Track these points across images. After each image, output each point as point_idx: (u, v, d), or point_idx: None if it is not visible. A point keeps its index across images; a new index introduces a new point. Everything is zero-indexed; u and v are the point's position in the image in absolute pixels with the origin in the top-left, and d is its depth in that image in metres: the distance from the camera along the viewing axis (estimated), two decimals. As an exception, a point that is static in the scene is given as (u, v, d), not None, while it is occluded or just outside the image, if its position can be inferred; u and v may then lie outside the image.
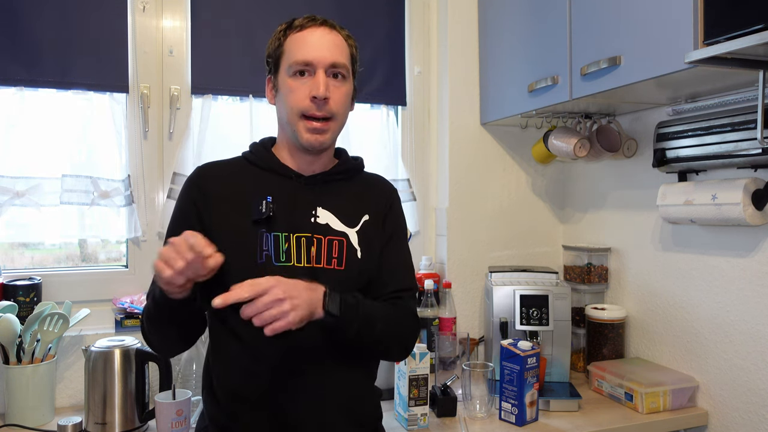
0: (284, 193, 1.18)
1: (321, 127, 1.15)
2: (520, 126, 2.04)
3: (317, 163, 1.22)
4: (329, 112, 1.15)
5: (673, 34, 1.22)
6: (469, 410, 1.50)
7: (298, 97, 1.14)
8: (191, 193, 1.19)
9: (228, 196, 1.17)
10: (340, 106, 1.17)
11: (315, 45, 1.14)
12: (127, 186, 1.72)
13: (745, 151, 1.37)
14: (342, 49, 1.18)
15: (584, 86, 1.49)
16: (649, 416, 1.50)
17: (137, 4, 1.74)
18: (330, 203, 1.20)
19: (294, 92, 1.14)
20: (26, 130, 1.64)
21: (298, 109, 1.14)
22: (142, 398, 1.44)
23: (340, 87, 1.17)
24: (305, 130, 1.15)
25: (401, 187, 2.02)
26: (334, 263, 1.16)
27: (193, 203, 1.18)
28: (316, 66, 1.14)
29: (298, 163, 1.22)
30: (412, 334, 1.24)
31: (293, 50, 1.15)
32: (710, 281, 1.56)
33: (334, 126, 1.18)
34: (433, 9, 2.08)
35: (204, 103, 1.79)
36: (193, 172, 1.23)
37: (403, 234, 1.32)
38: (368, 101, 1.99)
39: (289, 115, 1.16)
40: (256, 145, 1.27)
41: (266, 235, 1.14)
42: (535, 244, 2.11)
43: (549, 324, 1.66)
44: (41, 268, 1.76)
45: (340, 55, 1.16)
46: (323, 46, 1.15)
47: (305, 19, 1.17)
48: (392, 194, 1.33)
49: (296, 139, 1.17)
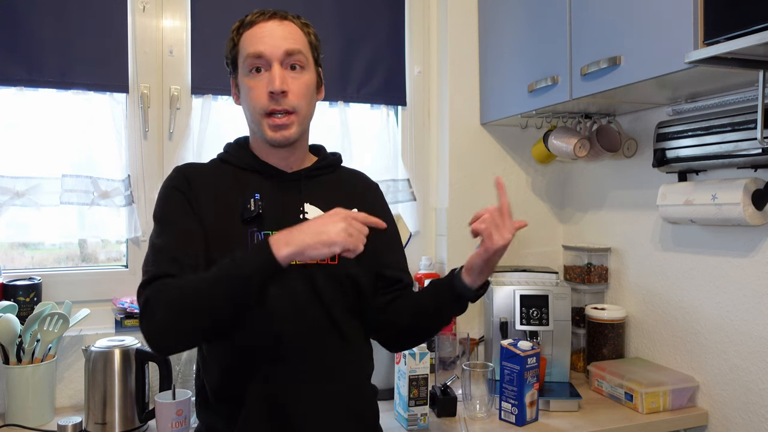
0: (269, 190, 1.16)
1: (283, 122, 1.12)
2: (520, 126, 2.04)
3: (293, 157, 1.20)
4: (290, 106, 1.11)
5: (673, 34, 1.22)
6: (469, 410, 1.50)
7: (257, 95, 1.11)
8: (179, 186, 1.13)
9: (212, 196, 1.14)
10: (300, 98, 1.13)
11: (266, 37, 1.11)
12: (127, 186, 1.72)
13: (745, 151, 1.37)
14: (296, 37, 1.14)
15: (584, 86, 1.49)
16: (649, 416, 1.50)
17: (137, 4, 1.74)
18: (317, 199, 1.19)
19: (252, 90, 1.12)
20: (26, 130, 1.64)
21: (259, 107, 1.12)
22: (142, 398, 1.44)
23: (299, 78, 1.13)
24: (268, 128, 1.12)
25: (401, 187, 2.02)
26: (327, 259, 1.13)
27: (182, 192, 1.13)
28: (270, 58, 1.10)
29: (274, 159, 1.19)
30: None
31: (246, 47, 1.13)
32: (710, 281, 1.56)
33: (298, 119, 1.14)
34: (433, 9, 2.08)
35: (204, 103, 1.79)
36: (173, 171, 1.18)
37: (395, 226, 1.33)
38: (368, 101, 1.99)
39: (253, 115, 1.14)
40: (232, 145, 1.24)
41: (257, 234, 1.12)
42: (535, 244, 2.11)
43: (549, 324, 1.66)
44: (41, 268, 1.76)
45: (294, 42, 1.12)
46: (274, 37, 1.11)
47: (255, 14, 1.15)
48: (376, 188, 1.34)
49: (263, 138, 1.15)
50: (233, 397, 1.12)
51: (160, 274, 1.04)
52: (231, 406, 1.12)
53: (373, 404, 1.25)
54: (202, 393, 1.17)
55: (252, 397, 1.10)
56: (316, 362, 1.12)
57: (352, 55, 1.95)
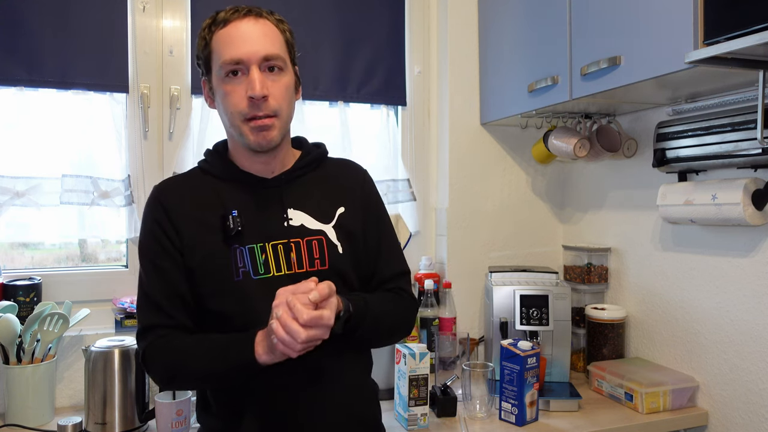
0: (250, 201, 1.13)
1: (266, 123, 1.08)
2: (520, 126, 2.04)
3: (275, 161, 1.16)
4: (271, 110, 1.08)
5: (673, 34, 1.22)
6: (469, 410, 1.50)
7: (236, 100, 1.07)
8: (155, 215, 1.13)
9: (193, 215, 1.12)
10: (281, 101, 1.09)
11: (244, 40, 1.06)
12: (127, 186, 1.72)
13: (745, 151, 1.37)
14: (273, 38, 1.09)
15: (584, 86, 1.49)
16: (649, 416, 1.50)
17: (137, 4, 1.74)
18: (300, 202, 1.16)
19: (230, 95, 1.08)
20: (26, 130, 1.64)
21: (238, 113, 1.08)
22: (142, 398, 1.44)
23: (278, 80, 1.09)
24: (250, 132, 1.08)
25: (401, 187, 2.02)
26: (317, 264, 1.13)
27: (159, 226, 1.12)
28: (248, 63, 1.06)
29: (256, 166, 1.16)
30: (414, 315, 1.30)
31: (221, 49, 1.08)
32: (710, 281, 1.56)
33: (280, 122, 1.10)
34: (433, 9, 2.08)
35: (204, 103, 1.78)
36: (152, 192, 1.16)
37: (386, 216, 1.29)
38: (368, 101, 1.99)
39: (231, 120, 1.10)
40: (211, 152, 1.21)
41: (240, 250, 1.10)
42: (535, 244, 2.11)
43: (549, 324, 1.66)
44: (41, 268, 1.76)
45: (272, 45, 1.08)
46: (252, 40, 1.06)
47: (229, 11, 1.09)
48: (364, 177, 1.27)
49: (245, 143, 1.11)
50: (233, 402, 1.12)
51: (149, 326, 1.12)
52: (231, 411, 1.12)
53: (373, 404, 1.24)
54: (203, 397, 1.18)
55: (252, 403, 1.10)
56: (315, 366, 1.11)
57: (352, 54, 1.95)
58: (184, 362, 1.09)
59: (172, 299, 1.11)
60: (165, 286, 1.11)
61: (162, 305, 1.11)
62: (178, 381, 1.13)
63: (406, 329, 1.27)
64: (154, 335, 1.11)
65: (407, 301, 1.26)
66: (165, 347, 1.10)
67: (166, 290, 1.11)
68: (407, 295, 1.26)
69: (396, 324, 1.23)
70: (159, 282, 1.12)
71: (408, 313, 1.27)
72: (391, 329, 1.22)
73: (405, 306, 1.25)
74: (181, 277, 1.11)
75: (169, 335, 1.11)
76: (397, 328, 1.25)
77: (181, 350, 1.09)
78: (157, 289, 1.11)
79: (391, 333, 1.24)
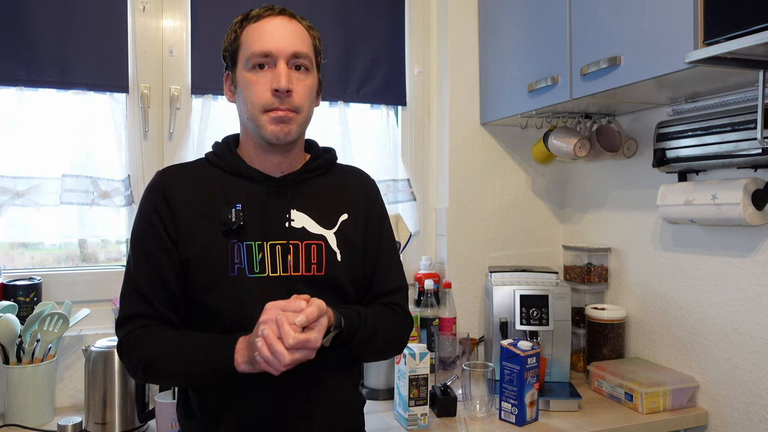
0: (254, 198, 1.12)
1: (285, 115, 1.07)
2: (520, 126, 2.04)
3: (286, 161, 1.15)
4: (293, 106, 1.08)
5: (673, 34, 1.22)
6: (469, 410, 1.50)
7: (259, 91, 1.07)
8: (155, 201, 1.10)
9: (194, 205, 1.10)
10: (304, 99, 1.09)
11: (274, 35, 1.07)
12: (127, 186, 1.72)
13: (745, 151, 1.37)
14: (303, 39, 1.11)
15: (584, 86, 1.49)
16: (649, 416, 1.50)
17: (137, 4, 1.74)
18: (304, 204, 1.14)
19: (254, 86, 1.07)
20: (26, 130, 1.64)
21: (259, 104, 1.07)
22: (142, 398, 1.44)
23: (304, 80, 1.10)
24: (269, 122, 1.07)
25: (401, 187, 2.02)
26: (314, 269, 1.11)
27: (157, 213, 1.09)
28: (277, 57, 1.06)
29: (265, 163, 1.14)
30: (408, 333, 1.25)
31: (251, 42, 1.08)
32: (710, 281, 1.56)
33: (300, 119, 1.10)
34: (433, 9, 2.08)
35: (204, 103, 1.79)
36: (154, 177, 1.14)
37: (389, 230, 1.27)
38: (368, 101, 1.99)
39: (250, 111, 1.09)
40: (219, 145, 1.19)
41: (238, 246, 1.08)
42: (535, 244, 2.11)
43: (549, 324, 1.66)
44: (41, 268, 1.76)
45: (302, 44, 1.09)
46: (283, 36, 1.07)
47: (263, 9, 1.10)
48: (371, 187, 1.26)
49: (260, 136, 1.10)
50: (215, 408, 1.09)
51: (131, 314, 1.09)
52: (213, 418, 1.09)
53: (358, 418, 1.21)
54: (186, 403, 1.14)
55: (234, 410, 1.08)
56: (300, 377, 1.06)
57: (352, 54, 1.95)
58: (160, 357, 1.05)
59: (157, 289, 1.08)
60: (152, 274, 1.08)
61: (147, 294, 1.08)
62: (152, 375, 1.08)
63: (398, 347, 1.24)
64: (135, 325, 1.08)
65: (402, 319, 1.22)
66: (143, 339, 1.06)
67: (153, 279, 1.08)
68: (402, 311, 1.23)
69: (388, 342, 1.19)
70: (146, 270, 1.09)
71: (401, 332, 1.22)
72: (381, 348, 1.18)
73: (399, 324, 1.21)
74: (170, 268, 1.09)
75: (150, 326, 1.08)
76: (389, 347, 1.21)
77: (160, 345, 1.05)
78: (143, 277, 1.08)
79: (381, 351, 1.20)
